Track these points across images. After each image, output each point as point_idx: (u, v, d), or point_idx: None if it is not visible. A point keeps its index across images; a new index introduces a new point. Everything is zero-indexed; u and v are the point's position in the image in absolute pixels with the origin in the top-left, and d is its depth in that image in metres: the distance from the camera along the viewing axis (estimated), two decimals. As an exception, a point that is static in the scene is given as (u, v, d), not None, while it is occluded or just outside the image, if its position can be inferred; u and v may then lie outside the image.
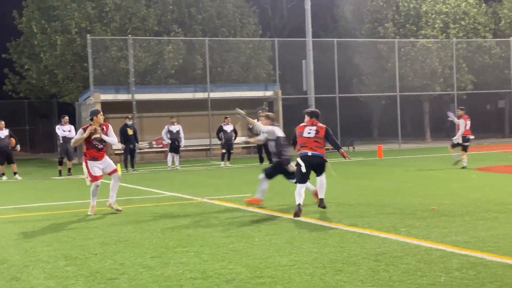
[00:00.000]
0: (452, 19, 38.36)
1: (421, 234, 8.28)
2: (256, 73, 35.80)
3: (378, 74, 37.98)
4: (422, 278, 6.03)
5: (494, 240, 7.70)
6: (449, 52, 37.15)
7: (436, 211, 10.18)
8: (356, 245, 7.73)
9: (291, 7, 49.70)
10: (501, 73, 39.12)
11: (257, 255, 7.33)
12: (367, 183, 15.56)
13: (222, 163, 23.61)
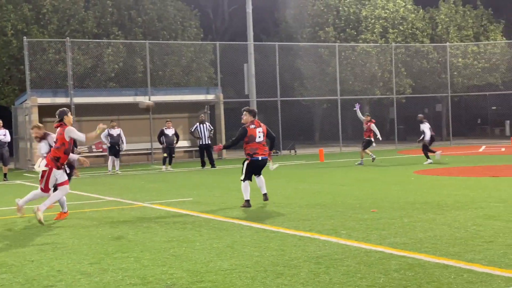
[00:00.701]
0: (391, 24, 39.08)
1: (361, 236, 8.35)
2: (197, 77, 35.65)
3: (319, 78, 38.37)
4: (362, 280, 6.08)
5: (432, 241, 7.83)
6: (388, 56, 37.81)
7: (375, 214, 10.30)
8: (297, 248, 7.74)
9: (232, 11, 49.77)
10: (438, 77, 40.04)
11: (198, 260, 7.27)
12: (308, 186, 15.65)
13: (164, 167, 23.41)
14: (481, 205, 10.86)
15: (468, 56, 39.69)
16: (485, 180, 15.48)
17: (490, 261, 6.64)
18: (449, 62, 38.76)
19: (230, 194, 14.47)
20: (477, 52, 39.90)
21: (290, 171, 21.22)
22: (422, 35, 40.24)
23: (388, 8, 39.24)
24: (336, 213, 10.52)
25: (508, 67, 39.82)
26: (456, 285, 5.76)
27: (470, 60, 39.56)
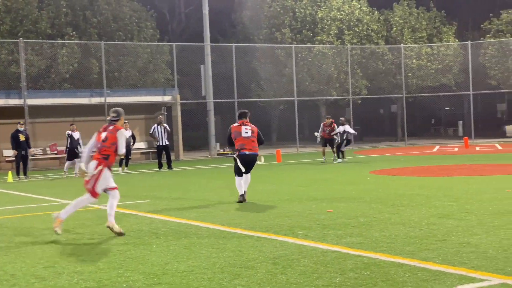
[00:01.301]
0: (346, 26, 39.44)
1: (317, 236, 8.41)
2: (154, 78, 35.42)
3: (276, 79, 38.51)
4: (318, 280, 6.12)
5: (387, 240, 7.92)
6: (344, 57, 38.15)
7: (332, 214, 10.38)
8: (255, 249, 7.75)
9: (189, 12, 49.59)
10: (393, 79, 40.56)
11: (155, 262, 7.22)
12: (266, 187, 15.68)
13: (120, 169, 23.18)
14: (435, 204, 11.04)
15: (422, 58, 40.30)
16: (439, 180, 15.73)
17: (444, 259, 6.75)
18: (404, 64, 39.31)
19: (187, 195, 14.42)
20: (431, 54, 40.55)
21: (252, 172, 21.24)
22: (377, 36, 40.71)
23: (344, 10, 39.59)
24: (293, 214, 10.56)
25: (460, 68, 40.54)
26: (411, 283, 5.84)
27: (424, 62, 40.18)
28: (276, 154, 26.69)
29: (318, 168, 21.69)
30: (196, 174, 21.74)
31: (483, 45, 40.25)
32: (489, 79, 39.85)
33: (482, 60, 39.80)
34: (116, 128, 9.58)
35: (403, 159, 24.53)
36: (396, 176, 17.25)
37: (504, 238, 7.75)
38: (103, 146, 9.46)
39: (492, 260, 6.60)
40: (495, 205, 10.59)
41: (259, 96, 39.13)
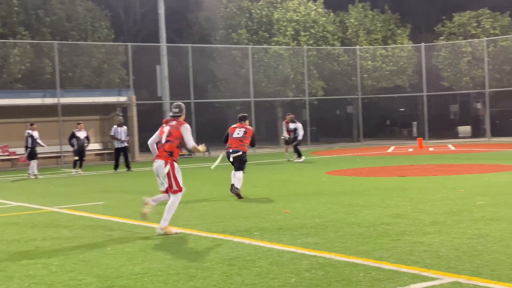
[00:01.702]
0: (302, 27, 39.63)
1: (273, 237, 8.42)
2: (109, 78, 35.01)
3: (233, 80, 38.47)
4: (274, 280, 6.12)
5: (342, 240, 7.97)
6: (300, 59, 38.34)
7: (288, 214, 10.41)
8: (210, 250, 7.72)
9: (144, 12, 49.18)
10: (349, 80, 40.91)
11: (109, 265, 7.13)
12: (222, 188, 15.63)
13: (74, 170, 22.86)
14: (390, 204, 11.16)
15: (377, 59, 40.75)
16: (394, 180, 15.92)
17: (397, 258, 6.82)
18: (359, 65, 39.71)
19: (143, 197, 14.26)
20: (386, 55, 41.03)
21: (205, 173, 21.18)
22: (333, 38, 41.01)
23: (300, 11, 39.77)
24: (249, 215, 10.56)
25: (414, 70, 41.11)
26: (365, 282, 5.89)
27: (379, 63, 40.63)
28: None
29: (275, 169, 21.74)
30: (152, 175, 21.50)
31: (436, 47, 40.90)
32: (442, 80, 40.52)
33: (435, 62, 40.44)
34: (180, 123, 9.44)
35: (359, 160, 24.77)
36: (351, 177, 17.40)
37: (456, 237, 7.87)
38: (167, 142, 9.34)
39: (444, 259, 6.70)
40: (447, 204, 10.76)
41: (215, 97, 39.05)
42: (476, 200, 11.20)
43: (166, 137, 9.36)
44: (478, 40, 39.12)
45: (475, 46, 39.18)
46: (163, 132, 9.45)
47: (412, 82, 41.70)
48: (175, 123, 9.45)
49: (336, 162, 23.55)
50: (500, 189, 12.76)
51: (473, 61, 39.08)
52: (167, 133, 9.39)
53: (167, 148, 9.30)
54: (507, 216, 9.30)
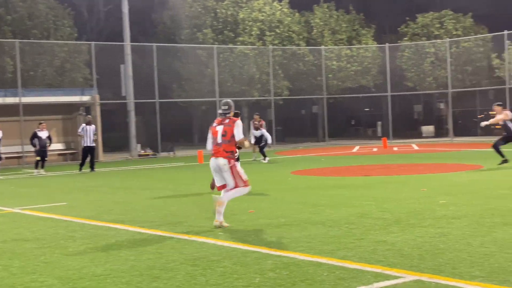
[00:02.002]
0: (268, 27, 39.68)
1: (238, 237, 8.39)
2: (72, 77, 34.56)
3: (198, 80, 38.32)
4: (238, 280, 6.09)
5: (307, 240, 7.98)
6: (266, 58, 38.38)
7: (253, 214, 10.40)
8: (175, 250, 7.67)
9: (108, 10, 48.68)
10: (314, 80, 41.09)
11: (71, 266, 7.03)
12: (187, 188, 15.57)
13: (36, 171, 22.52)
14: (354, 203, 11.22)
15: (342, 59, 41.00)
16: (358, 180, 16.02)
17: (361, 257, 6.85)
18: (324, 65, 39.93)
19: (106, 198, 14.15)
20: (350, 56, 41.31)
21: (169, 173, 21.07)
22: (298, 38, 41.14)
23: (265, 11, 39.82)
24: (214, 215, 10.49)
25: (379, 70, 41.47)
26: (329, 282, 5.90)
27: (344, 63, 40.89)
28: (198, 154, 26.58)
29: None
30: (116, 175, 21.38)
31: (400, 48, 41.31)
32: (406, 81, 40.94)
33: (399, 62, 40.85)
34: (232, 120, 9.52)
35: (324, 160, 24.88)
36: (316, 177, 17.46)
37: (419, 236, 7.94)
38: (224, 142, 9.42)
39: (407, 258, 6.75)
40: (411, 204, 10.85)
41: (180, 96, 38.85)
42: (439, 199, 11.32)
43: (222, 137, 9.49)
44: (441, 41, 39.62)
45: (438, 47, 39.69)
46: (217, 131, 9.57)
47: (377, 82, 42.06)
48: (228, 121, 9.54)
49: (301, 162, 23.62)
50: (462, 188, 12.92)
51: (436, 61, 39.58)
52: (222, 132, 9.50)
53: (226, 148, 9.45)
54: (469, 215, 9.41)
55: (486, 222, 8.76)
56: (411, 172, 17.48)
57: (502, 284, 5.58)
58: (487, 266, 6.26)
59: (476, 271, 6.06)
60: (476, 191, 12.37)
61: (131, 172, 22.84)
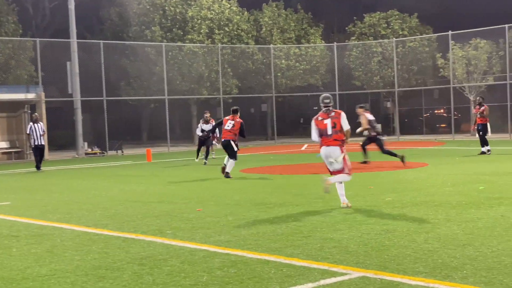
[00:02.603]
0: (217, 25, 39.63)
1: (186, 235, 8.36)
2: (16, 75, 33.86)
3: (146, 78, 38.03)
4: (185, 279, 6.07)
5: (254, 238, 8.00)
6: (215, 57, 38.32)
7: (201, 213, 10.36)
8: (121, 250, 7.59)
9: (54, 7, 47.89)
10: (263, 78, 41.23)
11: (14, 266, 6.89)
12: (135, 187, 15.43)
13: (-20, 170, 21.99)
14: (302, 201, 11.30)
15: (291, 58, 41.25)
16: (307, 178, 16.13)
17: (308, 255, 6.90)
18: (273, 64, 40.08)
19: (51, 196, 13.90)
20: (299, 54, 41.59)
21: (117, 172, 20.84)
22: (247, 36, 41.22)
23: (214, 9, 39.75)
24: (162, 213, 10.45)
25: (327, 69, 41.86)
26: (276, 279, 5.92)
27: (293, 62, 41.14)
28: (147, 153, 26.37)
29: (189, 167, 21.63)
30: (62, 174, 21.04)
31: (347, 47, 41.79)
32: (353, 80, 41.45)
33: (347, 61, 41.33)
34: (337, 113, 10.47)
35: (273, 158, 24.98)
36: (265, 175, 17.51)
37: (365, 233, 8.04)
38: (334, 133, 10.37)
39: (353, 254, 6.83)
40: (357, 201, 10.98)
41: (129, 94, 38.48)
42: (385, 196, 11.49)
43: (332, 129, 10.41)
44: (388, 41, 40.22)
45: (384, 46, 40.29)
46: (326, 124, 10.44)
47: (325, 81, 42.44)
48: (334, 114, 10.47)
49: (251, 161, 23.64)
50: (408, 186, 13.15)
51: (383, 61, 40.18)
52: (331, 124, 10.42)
53: (337, 137, 10.41)
54: (413, 212, 9.58)
55: (430, 218, 8.93)
56: (358, 170, 17.66)
57: (444, 280, 5.69)
58: (431, 262, 6.38)
59: (420, 267, 6.18)
60: (421, 188, 12.60)
61: (78, 171, 22.51)
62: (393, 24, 42.37)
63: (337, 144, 10.39)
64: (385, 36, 41.85)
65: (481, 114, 21.40)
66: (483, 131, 21.40)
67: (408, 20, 43.01)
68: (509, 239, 7.32)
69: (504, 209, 9.55)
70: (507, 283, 5.51)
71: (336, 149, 10.40)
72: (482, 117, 21.42)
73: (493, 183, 13.04)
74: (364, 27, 43.14)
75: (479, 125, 21.47)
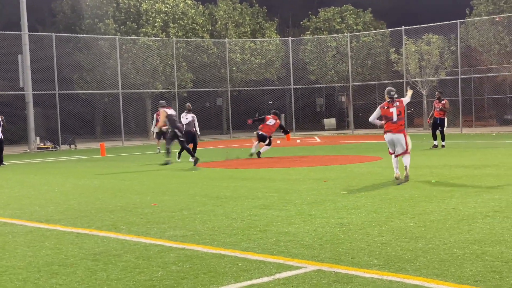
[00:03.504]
0: (171, 19, 39.36)
1: (141, 230, 8.29)
2: (-35, 68, 33.10)
3: (100, 71, 37.57)
4: (140, 275, 6.02)
5: (210, 232, 7.98)
6: (169, 50, 38.07)
7: (156, 207, 10.29)
8: (74, 245, 7.48)
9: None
10: (218, 72, 41.15)
11: (-36, 264, 6.73)
12: (88, 181, 15.24)
13: None
14: (258, 195, 11.31)
15: (246, 52, 41.25)
16: (262, 172, 16.16)
17: (263, 248, 6.92)
18: (228, 58, 40.02)
19: (2, 192, 13.63)
20: (254, 49, 41.62)
21: (70, 167, 20.54)
22: (202, 30, 41.07)
23: (169, 2, 39.46)
24: (116, 208, 10.35)
25: (282, 63, 42.02)
26: (231, 273, 5.92)
27: (248, 56, 41.16)
28: (100, 147, 26.07)
29: (143, 161, 21.46)
30: (13, 169, 20.63)
31: (302, 42, 41.99)
32: (308, 74, 41.69)
33: (302, 56, 41.53)
34: (401, 101, 12.58)
35: (228, 152, 24.95)
36: (220, 169, 17.49)
37: (320, 226, 8.10)
38: (399, 119, 12.47)
39: (308, 248, 6.87)
40: (312, 195, 11.05)
41: (82, 88, 37.97)
42: (340, 190, 11.59)
43: (397, 116, 12.42)
44: (342, 35, 40.54)
45: (339, 41, 40.60)
46: (391, 113, 12.46)
47: (280, 75, 42.59)
48: (399, 103, 12.50)
49: (206, 155, 23.58)
50: (362, 179, 13.28)
51: (338, 55, 40.49)
52: (397, 112, 12.42)
53: (401, 123, 12.48)
54: (368, 205, 9.68)
55: (384, 211, 9.04)
56: (313, 164, 17.80)
57: (398, 272, 5.77)
58: (384, 254, 6.46)
59: (374, 260, 6.25)
60: (375, 182, 12.74)
61: (30, 165, 22.12)
62: (348, 19, 42.74)
63: (401, 130, 12.42)
64: (339, 30, 42.18)
65: (443, 108, 21.63)
66: (441, 125, 21.69)
67: (362, 15, 43.43)
68: (460, 232, 7.46)
69: (456, 202, 9.73)
70: (458, 274, 5.62)
71: (401, 136, 12.38)
72: (441, 111, 21.69)
73: (445, 176, 13.28)
74: (318, 22, 43.40)
75: (438, 119, 21.74)
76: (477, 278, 5.50)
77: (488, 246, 6.68)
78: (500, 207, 9.06)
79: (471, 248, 6.59)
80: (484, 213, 8.66)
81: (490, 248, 6.59)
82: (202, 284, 5.61)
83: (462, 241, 6.96)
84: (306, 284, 5.48)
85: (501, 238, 7.05)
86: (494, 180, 12.22)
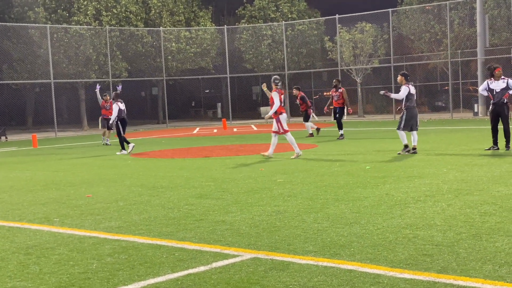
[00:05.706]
0: (104, 7, 38.68)
1: (74, 223, 8.15)
2: None
3: (30, 60, 36.62)
4: (74, 267, 5.92)
5: (146, 223, 7.91)
6: (103, 39, 37.43)
7: (90, 199, 10.14)
8: (6, 239, 7.31)
9: None
10: (153, 61, 40.74)
11: None
12: (20, 173, 14.88)
13: None
14: (194, 184, 11.27)
15: (181, 41, 40.95)
16: (199, 161, 16.11)
17: (200, 238, 6.90)
18: (163, 47, 39.64)
19: None
20: (190, 38, 41.35)
21: (0, 158, 20.01)
22: (136, 19, 40.52)
23: (101, -10, 38.77)
24: (49, 201, 10.14)
25: (218, 52, 41.90)
26: (168, 263, 5.89)
27: (183, 45, 40.86)
28: (32, 138, 25.48)
29: (77, 153, 21.09)
30: None
31: (238, 30, 41.95)
32: (244, 62, 41.72)
33: (237, 44, 41.50)
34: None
35: (164, 142, 24.78)
36: (156, 159, 17.35)
37: (256, 214, 8.13)
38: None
39: (245, 236, 6.89)
40: (249, 183, 11.08)
41: (12, 78, 36.93)
42: (276, 178, 11.66)
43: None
44: (277, 24, 40.71)
45: (274, 29, 40.75)
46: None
47: (216, 64, 42.49)
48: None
49: (141, 145, 23.35)
50: (298, 167, 13.40)
51: (273, 44, 40.64)
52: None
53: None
54: (304, 192, 9.78)
55: (320, 198, 9.15)
56: (250, 153, 17.85)
57: (333, 258, 5.85)
58: (320, 241, 6.54)
59: (309, 246, 6.31)
60: (310, 169, 12.87)
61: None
62: (282, 7, 42.91)
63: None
64: (274, 19, 42.33)
65: (339, 97, 21.54)
66: (340, 114, 21.61)
67: (296, 4, 43.68)
68: (393, 216, 7.61)
69: (389, 187, 9.93)
70: (391, 258, 5.73)
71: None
72: (339, 100, 21.60)
73: (378, 162, 13.52)
74: (254, 10, 43.43)
75: (337, 108, 21.62)
76: (409, 261, 5.62)
77: (420, 230, 6.84)
78: (431, 192, 9.29)
79: (403, 232, 6.74)
80: (416, 197, 8.86)
81: (421, 232, 6.75)
82: (138, 275, 5.56)
83: (395, 225, 7.11)
84: (243, 272, 5.50)
85: (431, 222, 7.23)
86: (425, 166, 12.52)
